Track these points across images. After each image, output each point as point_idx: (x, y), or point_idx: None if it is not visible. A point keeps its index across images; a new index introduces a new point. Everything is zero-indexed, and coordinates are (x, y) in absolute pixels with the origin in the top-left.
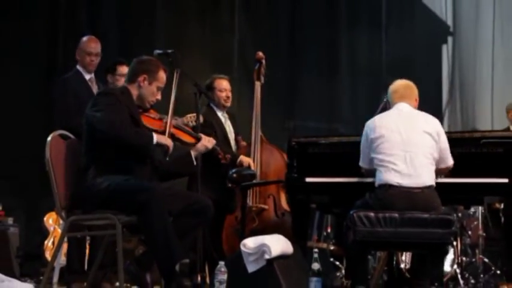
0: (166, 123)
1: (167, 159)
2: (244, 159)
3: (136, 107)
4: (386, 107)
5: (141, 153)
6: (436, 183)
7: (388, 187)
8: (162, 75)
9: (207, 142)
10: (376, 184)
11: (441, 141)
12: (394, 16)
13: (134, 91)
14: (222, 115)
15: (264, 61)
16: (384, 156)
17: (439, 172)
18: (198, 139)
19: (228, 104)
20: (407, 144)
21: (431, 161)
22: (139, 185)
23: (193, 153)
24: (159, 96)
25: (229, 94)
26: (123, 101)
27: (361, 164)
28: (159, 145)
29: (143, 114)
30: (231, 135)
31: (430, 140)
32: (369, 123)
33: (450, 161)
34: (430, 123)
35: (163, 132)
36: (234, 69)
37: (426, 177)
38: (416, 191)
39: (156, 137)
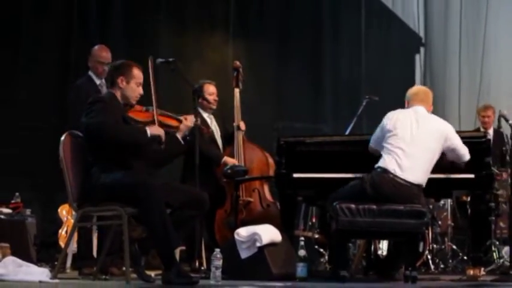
0: (152, 112)
1: (162, 146)
2: (228, 160)
3: (123, 107)
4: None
5: (138, 147)
6: None
7: (383, 171)
8: (137, 72)
9: (189, 122)
10: (376, 165)
11: (452, 143)
12: (373, 29)
13: (118, 93)
14: (208, 117)
15: (241, 69)
16: (391, 146)
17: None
18: (181, 121)
19: (214, 107)
20: (414, 143)
21: (430, 164)
22: (137, 181)
23: (179, 135)
24: (141, 91)
25: (216, 98)
26: (113, 105)
27: (371, 143)
28: (153, 136)
29: (131, 111)
30: (217, 134)
31: (435, 144)
32: (389, 115)
33: (466, 157)
34: (440, 127)
35: (152, 122)
36: (229, 77)
37: (419, 177)
38: (405, 183)
39: (149, 130)
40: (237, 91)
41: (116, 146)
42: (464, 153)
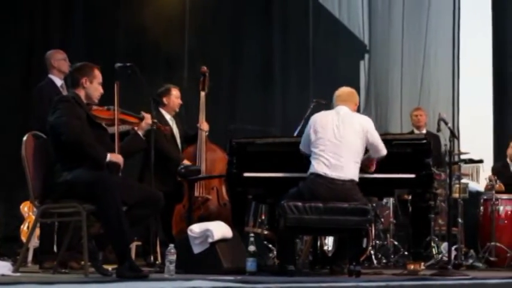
0: (114, 111)
1: (119, 174)
2: (186, 163)
3: (87, 106)
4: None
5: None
6: None
7: (316, 176)
8: (97, 73)
9: (148, 119)
10: (308, 172)
11: (372, 137)
12: (320, 35)
13: (82, 93)
14: (170, 118)
15: (207, 74)
16: (317, 150)
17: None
18: (141, 119)
19: (177, 110)
20: (339, 142)
21: (357, 159)
22: (96, 178)
23: (140, 132)
24: (102, 90)
25: (180, 101)
26: (77, 104)
27: (301, 147)
28: (112, 163)
29: (94, 109)
30: (178, 135)
31: (359, 140)
32: (312, 119)
33: (384, 152)
34: (362, 123)
35: (113, 120)
36: (184, 80)
37: (350, 173)
38: (339, 182)
39: (109, 156)
40: (202, 94)
41: (76, 147)
42: (382, 147)
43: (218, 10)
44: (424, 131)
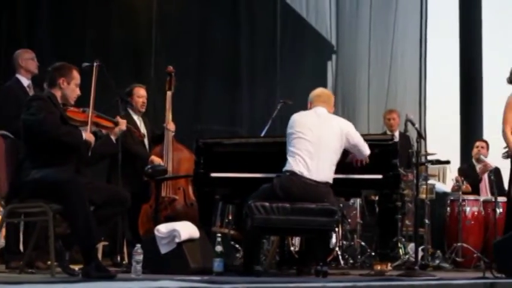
0: (88, 114)
1: (89, 153)
2: (154, 158)
3: (62, 106)
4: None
5: (73, 148)
6: None
7: (291, 174)
8: (76, 74)
9: (122, 125)
10: (284, 169)
11: (353, 139)
12: (287, 36)
13: (58, 93)
14: (137, 118)
15: (174, 74)
16: (295, 149)
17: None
18: (116, 123)
19: (143, 109)
20: (317, 143)
21: (334, 161)
22: (64, 177)
23: (112, 137)
24: (79, 92)
25: (145, 100)
26: (52, 104)
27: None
28: (86, 141)
29: (69, 110)
30: (146, 135)
31: (337, 142)
32: (291, 119)
33: (367, 152)
34: (341, 126)
35: (86, 122)
36: (151, 80)
37: (325, 175)
38: (313, 183)
39: (84, 135)
40: (169, 94)
41: (52, 143)
42: (366, 148)
43: (185, 10)
44: (396, 133)
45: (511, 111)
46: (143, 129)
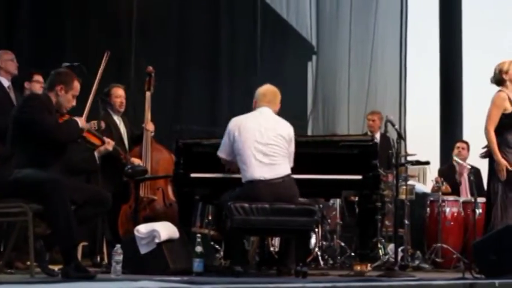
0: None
1: (78, 140)
2: (133, 159)
3: (55, 113)
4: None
5: (61, 147)
6: (301, 178)
7: (256, 182)
8: (76, 85)
9: (108, 145)
10: (244, 180)
11: (291, 148)
12: (268, 36)
13: (53, 98)
14: (117, 118)
15: (153, 74)
16: (246, 155)
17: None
18: (103, 142)
19: (122, 109)
20: (266, 141)
21: (287, 154)
22: (46, 177)
23: (96, 154)
24: (74, 103)
25: (124, 100)
26: (48, 105)
27: (219, 153)
28: (82, 129)
29: (60, 118)
30: (125, 135)
31: (284, 142)
32: (232, 123)
33: (291, 163)
34: (285, 128)
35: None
36: (131, 80)
37: (283, 168)
38: (278, 181)
39: (80, 122)
40: (148, 94)
41: (51, 142)
42: (292, 160)
43: (165, 10)
44: (377, 135)
45: (496, 109)
46: (122, 129)
